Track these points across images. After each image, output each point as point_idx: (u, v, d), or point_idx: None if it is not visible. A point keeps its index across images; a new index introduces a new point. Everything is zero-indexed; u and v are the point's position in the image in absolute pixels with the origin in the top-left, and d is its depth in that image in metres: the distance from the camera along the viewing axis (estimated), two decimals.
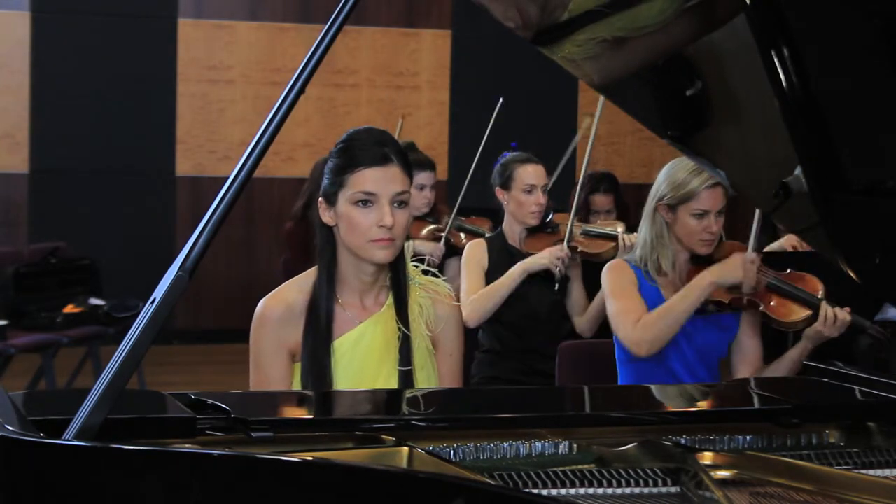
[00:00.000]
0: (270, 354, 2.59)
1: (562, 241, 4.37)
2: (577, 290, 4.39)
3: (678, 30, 2.07)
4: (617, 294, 3.40)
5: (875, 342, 3.51)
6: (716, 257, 3.44)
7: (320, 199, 2.62)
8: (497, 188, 4.43)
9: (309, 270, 2.68)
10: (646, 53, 2.19)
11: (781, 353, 3.52)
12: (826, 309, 3.34)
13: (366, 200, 2.54)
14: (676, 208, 3.35)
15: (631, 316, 3.33)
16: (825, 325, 3.33)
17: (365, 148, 2.56)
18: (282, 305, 2.61)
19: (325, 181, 2.62)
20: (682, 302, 3.29)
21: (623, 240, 4.39)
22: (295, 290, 2.64)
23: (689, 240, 3.37)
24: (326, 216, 2.61)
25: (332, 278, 2.62)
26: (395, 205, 2.55)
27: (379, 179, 2.54)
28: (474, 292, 4.20)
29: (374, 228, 2.53)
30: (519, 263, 4.24)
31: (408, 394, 2.51)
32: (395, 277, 2.64)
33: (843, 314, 3.34)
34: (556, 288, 4.24)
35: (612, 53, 2.19)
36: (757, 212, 3.42)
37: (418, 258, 2.76)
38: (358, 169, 2.54)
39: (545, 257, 4.23)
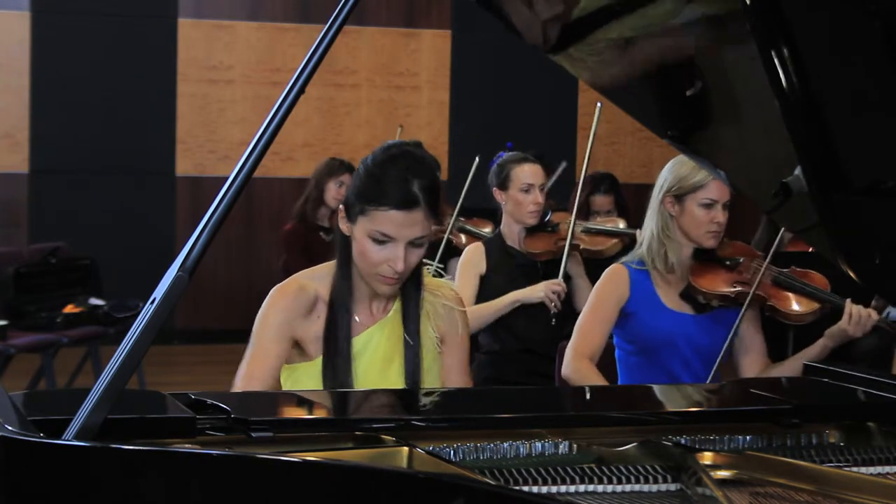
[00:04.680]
0: (272, 334, 2.58)
1: (563, 239, 4.36)
2: (583, 288, 4.36)
3: (680, 43, 2.08)
4: (594, 309, 3.42)
5: (884, 335, 3.49)
6: (722, 254, 3.44)
7: (342, 205, 2.58)
8: (494, 188, 4.41)
9: (321, 265, 2.69)
10: (646, 62, 2.20)
11: (782, 349, 3.51)
12: (852, 307, 3.32)
13: (382, 241, 2.51)
14: (684, 199, 3.35)
15: (582, 344, 3.37)
16: (850, 323, 3.31)
17: (395, 184, 2.47)
18: (294, 288, 2.62)
19: (351, 190, 2.56)
20: (596, 377, 3.33)
21: (638, 236, 4.38)
22: (308, 278, 2.65)
23: (696, 231, 3.36)
24: (343, 225, 2.58)
25: (350, 280, 2.61)
26: (411, 246, 2.51)
27: (400, 224, 2.48)
28: (464, 294, 4.17)
29: (383, 265, 2.52)
30: (512, 293, 4.19)
31: (408, 394, 2.51)
32: (410, 288, 2.64)
33: (872, 313, 3.32)
34: (553, 323, 4.19)
35: (614, 57, 2.20)
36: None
37: None
38: (381, 207, 2.47)
39: (540, 291, 4.17)
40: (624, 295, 3.40)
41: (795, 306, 3.42)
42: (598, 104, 4.25)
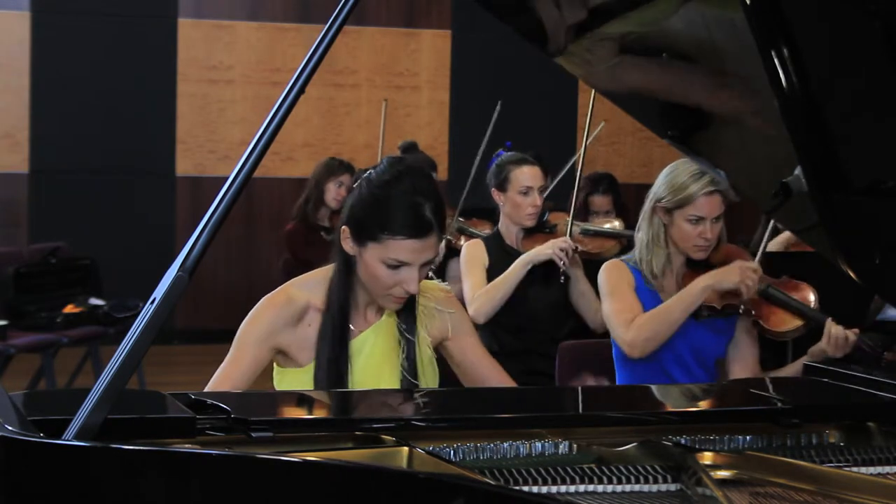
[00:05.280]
0: (251, 343, 2.57)
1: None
2: (585, 289, 4.37)
3: (684, 38, 2.08)
4: (613, 294, 3.40)
5: (866, 357, 3.48)
6: (713, 261, 3.44)
7: (345, 226, 2.54)
8: (493, 189, 4.41)
9: (313, 272, 2.68)
10: (638, 82, 2.21)
11: (780, 359, 3.51)
12: (831, 328, 3.32)
13: (396, 266, 2.49)
14: (672, 212, 3.35)
15: (625, 316, 3.33)
16: (829, 344, 3.31)
17: (407, 213, 2.45)
18: (282, 299, 2.60)
19: (357, 211, 2.52)
20: (677, 304, 3.29)
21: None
22: (299, 287, 2.63)
23: (684, 244, 3.37)
24: (348, 246, 2.55)
25: (348, 289, 2.60)
26: (423, 266, 2.51)
27: (415, 251, 2.47)
28: (479, 287, 4.18)
29: (396, 287, 2.51)
30: (522, 256, 4.20)
31: (408, 394, 2.51)
32: None
33: (851, 335, 3.31)
34: (563, 280, 4.20)
35: (617, 53, 2.20)
36: (768, 221, 3.38)
37: None
38: (397, 237, 2.45)
39: (549, 248, 4.18)
40: (632, 280, 3.41)
41: (779, 324, 3.41)
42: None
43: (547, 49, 2.27)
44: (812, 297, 3.43)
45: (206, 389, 2.53)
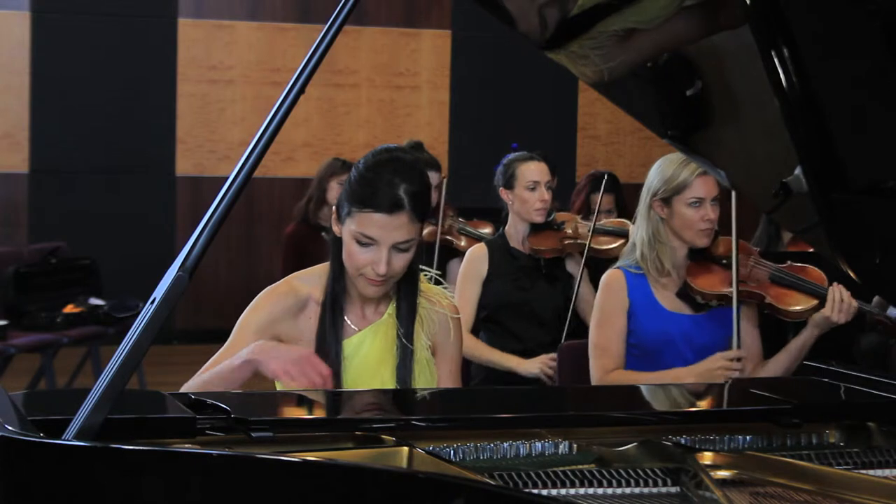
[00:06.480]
0: (253, 331, 2.58)
1: (568, 238, 4.38)
2: (589, 297, 4.37)
3: (682, 29, 2.08)
4: (601, 325, 3.41)
5: (882, 330, 3.48)
6: (715, 253, 3.43)
7: (334, 207, 2.59)
8: (501, 188, 4.43)
9: (315, 266, 2.69)
10: (650, 50, 2.19)
11: (781, 345, 3.52)
12: (834, 292, 3.32)
13: (366, 243, 2.50)
14: (671, 201, 3.35)
15: (604, 361, 3.37)
16: (833, 309, 3.31)
17: (381, 188, 2.47)
18: (283, 289, 2.62)
19: (342, 192, 2.57)
20: (631, 378, 3.31)
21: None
22: (301, 279, 2.65)
23: (688, 232, 3.36)
24: (335, 226, 2.59)
25: (343, 282, 2.61)
26: (396, 250, 2.51)
27: (383, 227, 2.48)
28: (467, 308, 4.18)
29: (367, 268, 2.52)
30: (510, 363, 4.14)
31: (407, 394, 2.51)
32: (405, 291, 2.63)
33: (854, 301, 3.32)
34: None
35: (617, 49, 2.20)
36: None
37: None
38: (366, 210, 2.48)
39: (536, 367, 4.13)
40: (625, 302, 3.39)
41: (795, 304, 3.42)
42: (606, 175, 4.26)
43: (544, 43, 2.26)
44: (823, 278, 3.43)
45: (199, 372, 2.55)
